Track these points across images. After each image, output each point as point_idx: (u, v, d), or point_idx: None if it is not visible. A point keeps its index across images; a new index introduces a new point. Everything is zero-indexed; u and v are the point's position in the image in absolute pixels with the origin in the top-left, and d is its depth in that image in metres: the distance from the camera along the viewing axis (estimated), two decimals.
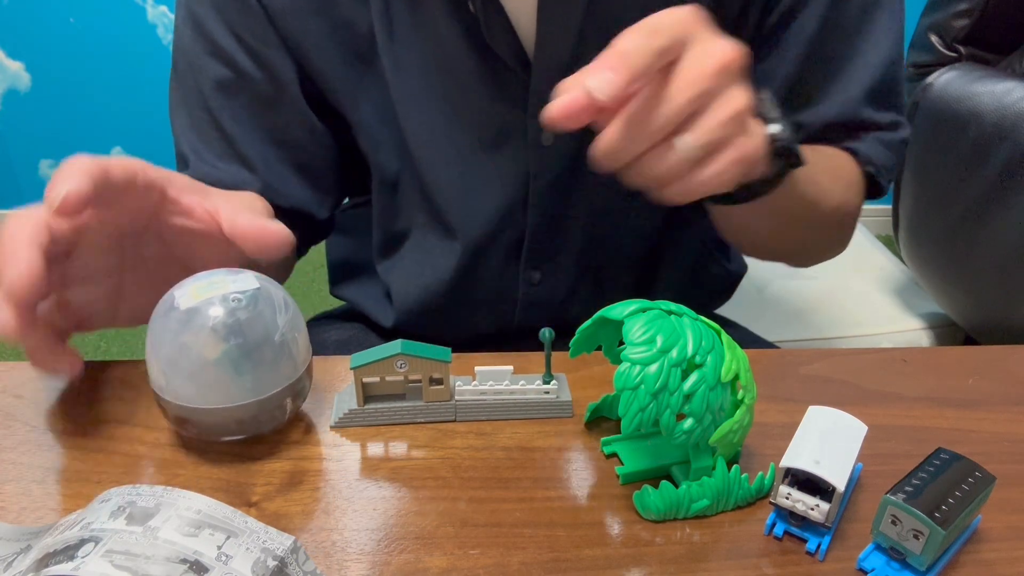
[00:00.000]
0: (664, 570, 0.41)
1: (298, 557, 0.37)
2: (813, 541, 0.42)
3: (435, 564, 0.41)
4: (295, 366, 0.47)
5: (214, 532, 0.36)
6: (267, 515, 0.44)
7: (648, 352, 0.41)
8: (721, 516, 0.45)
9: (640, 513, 0.44)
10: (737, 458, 0.48)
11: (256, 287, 0.46)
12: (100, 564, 0.33)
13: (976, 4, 1.13)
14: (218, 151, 0.67)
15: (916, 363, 0.58)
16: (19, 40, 2.15)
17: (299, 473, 0.47)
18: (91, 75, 2.19)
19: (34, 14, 2.11)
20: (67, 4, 2.09)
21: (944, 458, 0.42)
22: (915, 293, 1.28)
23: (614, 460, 0.48)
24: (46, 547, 0.36)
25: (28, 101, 2.22)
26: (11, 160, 2.31)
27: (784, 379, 0.56)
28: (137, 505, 0.37)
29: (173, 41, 0.68)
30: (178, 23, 0.67)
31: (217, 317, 0.44)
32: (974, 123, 1.01)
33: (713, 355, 0.42)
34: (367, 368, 0.49)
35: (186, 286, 0.46)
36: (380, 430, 0.50)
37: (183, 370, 0.44)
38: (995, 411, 0.53)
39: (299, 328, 0.48)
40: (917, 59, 1.23)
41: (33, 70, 2.19)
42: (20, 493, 0.45)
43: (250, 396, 0.45)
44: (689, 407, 0.41)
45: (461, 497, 0.45)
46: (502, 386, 0.51)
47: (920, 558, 0.39)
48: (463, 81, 0.64)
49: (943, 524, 0.38)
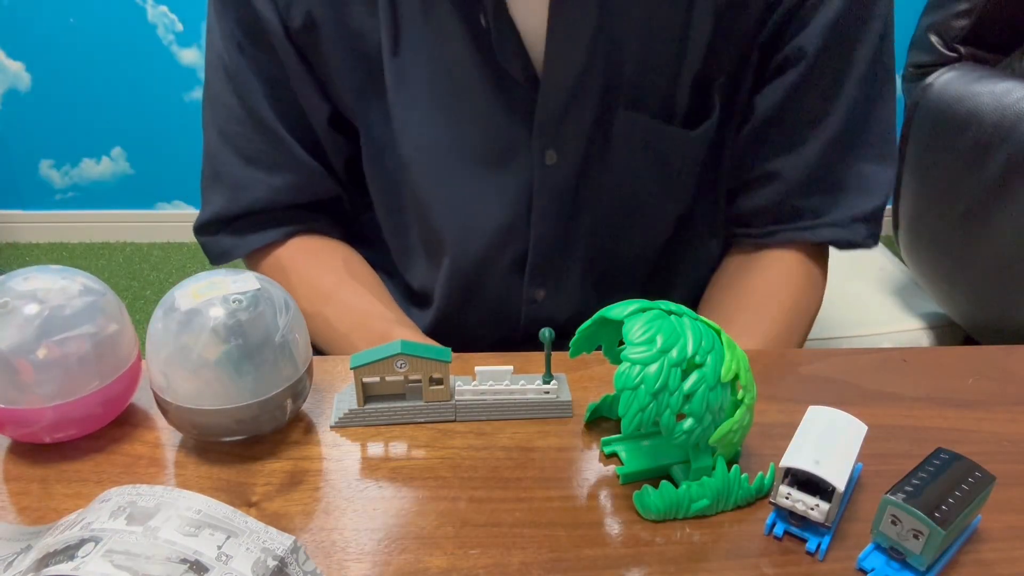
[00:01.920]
0: (664, 570, 0.41)
1: (298, 557, 0.37)
2: (813, 541, 0.42)
3: (435, 564, 0.41)
4: (295, 367, 0.47)
5: (214, 532, 0.36)
6: (267, 515, 0.44)
7: (648, 352, 0.41)
8: (721, 516, 0.45)
9: (640, 513, 0.44)
10: (737, 458, 0.48)
11: (256, 288, 0.46)
12: (100, 564, 0.33)
13: (976, 4, 1.13)
14: (266, 163, 0.70)
15: (916, 363, 0.58)
16: (19, 40, 2.15)
17: (299, 473, 0.47)
18: (91, 75, 2.19)
19: (34, 14, 2.11)
20: (67, 4, 2.09)
21: (944, 458, 0.42)
22: (915, 293, 1.28)
23: (614, 460, 0.48)
24: (46, 547, 0.36)
25: (28, 101, 2.22)
26: (11, 160, 2.31)
27: (784, 379, 0.56)
28: (137, 505, 0.37)
29: (205, 71, 0.70)
30: (208, 65, 0.70)
31: (218, 318, 0.44)
32: (974, 123, 1.01)
33: (713, 355, 0.42)
34: (367, 368, 0.49)
35: (186, 287, 0.46)
36: (380, 430, 0.50)
37: (183, 371, 0.44)
38: (995, 411, 0.53)
39: (299, 329, 0.48)
40: (917, 59, 1.23)
41: (33, 70, 2.19)
42: (20, 493, 0.45)
43: (250, 397, 0.45)
44: (689, 407, 0.41)
45: (461, 497, 0.45)
46: (502, 386, 0.51)
47: (920, 558, 0.39)
48: (469, 95, 0.64)
49: (943, 524, 0.38)
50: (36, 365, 0.44)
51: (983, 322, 1.13)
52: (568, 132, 0.64)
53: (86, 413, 0.47)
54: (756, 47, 0.65)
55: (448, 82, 0.63)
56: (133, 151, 2.31)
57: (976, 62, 1.13)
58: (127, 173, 2.34)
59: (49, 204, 2.39)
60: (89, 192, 2.37)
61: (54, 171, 2.34)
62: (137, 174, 2.35)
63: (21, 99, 2.22)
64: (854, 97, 0.66)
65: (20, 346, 0.44)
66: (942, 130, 1.06)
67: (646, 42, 0.62)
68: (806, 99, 0.66)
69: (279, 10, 0.63)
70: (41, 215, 2.40)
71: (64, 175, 2.35)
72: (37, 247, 2.39)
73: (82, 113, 2.24)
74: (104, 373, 0.47)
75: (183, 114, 2.22)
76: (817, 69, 0.65)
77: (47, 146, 2.30)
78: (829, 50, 0.64)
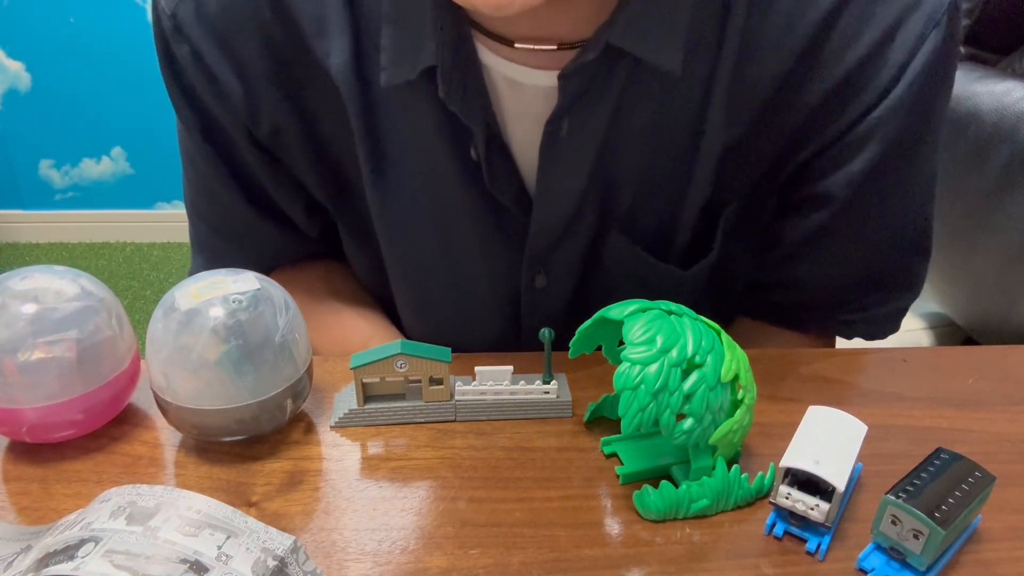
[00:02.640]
0: (664, 570, 0.41)
1: (298, 557, 0.37)
2: (813, 541, 0.42)
3: (435, 564, 0.41)
4: (295, 367, 0.47)
5: (214, 532, 0.36)
6: (267, 515, 0.44)
7: (648, 352, 0.41)
8: (721, 516, 0.45)
9: (640, 513, 0.44)
10: (737, 458, 0.48)
11: (256, 288, 0.46)
12: (100, 564, 0.33)
13: (976, 4, 1.13)
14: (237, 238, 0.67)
15: (916, 363, 0.58)
16: (19, 40, 2.15)
17: (299, 473, 0.47)
18: (91, 75, 2.19)
19: (34, 14, 2.11)
20: (67, 4, 2.09)
21: (944, 458, 0.42)
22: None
23: (614, 460, 0.48)
24: (46, 547, 0.36)
25: (28, 101, 2.22)
26: (11, 160, 2.31)
27: (784, 379, 0.56)
28: (137, 505, 0.37)
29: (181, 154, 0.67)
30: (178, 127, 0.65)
31: (218, 318, 0.44)
32: (974, 123, 1.01)
33: (713, 355, 0.42)
34: (367, 368, 0.49)
35: (186, 287, 0.46)
36: (380, 430, 0.50)
37: (183, 371, 0.44)
38: (995, 411, 0.53)
39: (299, 329, 0.48)
40: None
41: (33, 70, 2.19)
42: (20, 493, 0.45)
43: (250, 397, 0.45)
44: (689, 407, 0.41)
45: (461, 497, 0.45)
46: (502, 386, 0.51)
47: (920, 558, 0.39)
48: (458, 218, 0.60)
49: (943, 524, 0.38)
50: (20, 366, 0.44)
51: (983, 322, 1.13)
52: (559, 258, 0.61)
53: (67, 418, 0.47)
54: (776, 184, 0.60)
55: (436, 205, 0.59)
56: (133, 151, 2.31)
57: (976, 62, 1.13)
58: (127, 173, 2.35)
59: (49, 204, 2.39)
60: (89, 192, 2.37)
61: (54, 171, 2.34)
62: (137, 174, 2.35)
63: (21, 99, 2.22)
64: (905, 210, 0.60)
65: (4, 345, 0.44)
66: None
67: (645, 175, 0.57)
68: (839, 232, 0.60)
69: (242, 120, 0.58)
70: (41, 215, 2.40)
71: (64, 175, 2.35)
72: (37, 247, 2.39)
73: (82, 113, 2.24)
74: (88, 380, 0.46)
75: None
76: (847, 213, 0.58)
77: (47, 146, 2.30)
78: (863, 196, 0.57)
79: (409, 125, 0.56)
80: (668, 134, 0.55)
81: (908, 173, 0.58)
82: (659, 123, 0.54)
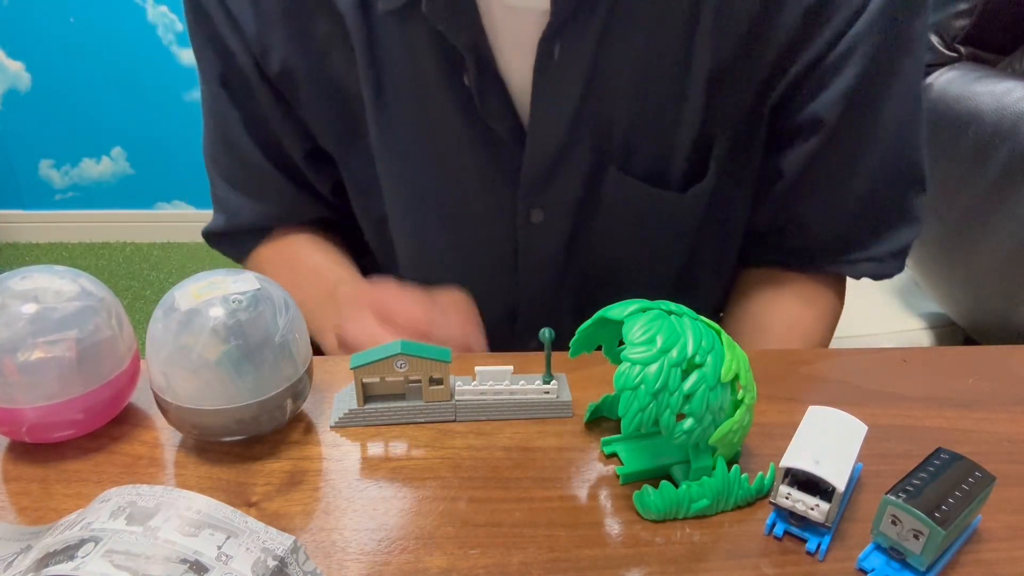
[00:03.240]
0: (664, 570, 0.41)
1: (298, 557, 0.37)
2: (813, 541, 0.42)
3: (435, 564, 0.41)
4: (295, 367, 0.47)
5: (214, 532, 0.36)
6: (267, 515, 0.44)
7: (648, 352, 0.41)
8: (721, 516, 0.45)
9: (640, 513, 0.44)
10: (737, 458, 0.48)
11: (256, 288, 0.46)
12: (100, 564, 0.33)
13: (976, 4, 1.13)
14: (250, 191, 0.71)
15: (916, 363, 0.58)
16: (19, 40, 2.15)
17: (299, 473, 0.47)
18: (91, 75, 2.19)
19: (34, 14, 2.11)
20: (67, 4, 2.09)
21: (944, 458, 0.42)
22: (915, 293, 1.28)
23: (614, 460, 0.48)
24: (46, 547, 0.36)
25: (28, 101, 2.23)
26: (11, 160, 2.31)
27: (784, 379, 0.56)
28: (137, 505, 0.37)
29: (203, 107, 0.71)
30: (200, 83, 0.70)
31: (217, 318, 0.44)
32: (974, 123, 1.01)
33: (713, 355, 0.42)
34: (367, 368, 0.49)
35: (186, 287, 0.46)
36: (380, 430, 0.50)
37: (183, 371, 0.44)
38: (995, 411, 0.53)
39: (299, 329, 0.48)
40: None
41: (33, 70, 2.19)
42: (20, 493, 0.45)
43: (250, 397, 0.45)
44: (689, 407, 0.41)
45: (461, 497, 0.45)
46: (502, 386, 0.51)
47: (920, 558, 0.39)
48: (454, 150, 0.62)
49: (943, 524, 0.38)
50: (20, 366, 0.44)
51: (983, 322, 1.13)
52: (555, 192, 0.62)
53: (67, 418, 0.46)
54: (765, 110, 0.62)
55: (433, 137, 0.61)
56: (133, 151, 2.31)
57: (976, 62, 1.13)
58: (127, 173, 2.35)
59: (49, 204, 2.39)
60: (89, 192, 2.37)
61: (54, 171, 2.34)
62: (137, 174, 2.35)
63: (21, 99, 2.22)
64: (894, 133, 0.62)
65: (4, 344, 0.44)
66: (942, 130, 1.06)
67: (637, 105, 0.59)
68: (833, 159, 0.63)
69: (254, 55, 0.62)
70: (41, 215, 2.40)
71: (64, 175, 2.35)
72: (37, 247, 2.39)
73: (82, 113, 2.25)
74: (88, 380, 0.46)
75: (183, 114, 2.22)
76: (838, 137, 0.61)
77: (47, 146, 2.30)
78: (850, 118, 0.60)
79: (407, 53, 0.58)
80: (657, 64, 0.57)
81: (891, 93, 0.60)
82: (648, 53, 0.56)
